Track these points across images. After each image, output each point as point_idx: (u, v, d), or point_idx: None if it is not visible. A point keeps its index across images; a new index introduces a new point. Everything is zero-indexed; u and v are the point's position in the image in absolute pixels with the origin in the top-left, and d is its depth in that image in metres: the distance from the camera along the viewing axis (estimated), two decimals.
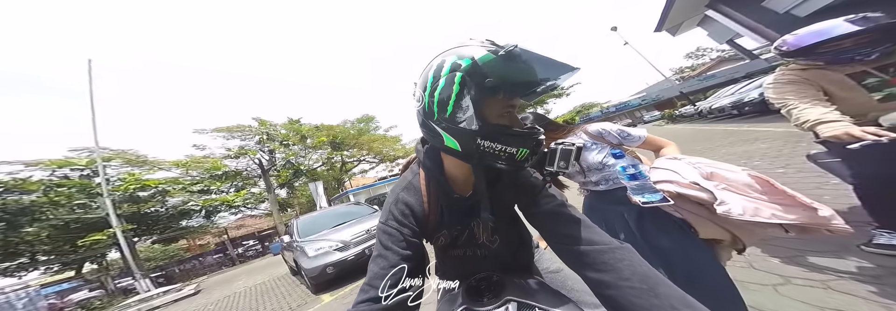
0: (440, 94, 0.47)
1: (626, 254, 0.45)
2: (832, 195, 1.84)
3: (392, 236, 0.53)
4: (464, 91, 0.45)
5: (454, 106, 0.46)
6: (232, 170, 14.82)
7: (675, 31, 8.98)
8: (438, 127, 0.49)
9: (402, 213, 0.56)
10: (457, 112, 0.46)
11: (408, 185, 0.60)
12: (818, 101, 1.11)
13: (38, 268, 12.07)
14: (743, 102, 7.48)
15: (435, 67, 0.48)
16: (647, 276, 0.41)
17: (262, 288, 5.64)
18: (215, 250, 18.12)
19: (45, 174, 10.72)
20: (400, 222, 0.55)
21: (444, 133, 0.49)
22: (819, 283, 1.16)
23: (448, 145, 0.50)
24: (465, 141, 0.48)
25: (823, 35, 1.08)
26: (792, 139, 3.67)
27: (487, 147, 0.47)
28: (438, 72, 0.47)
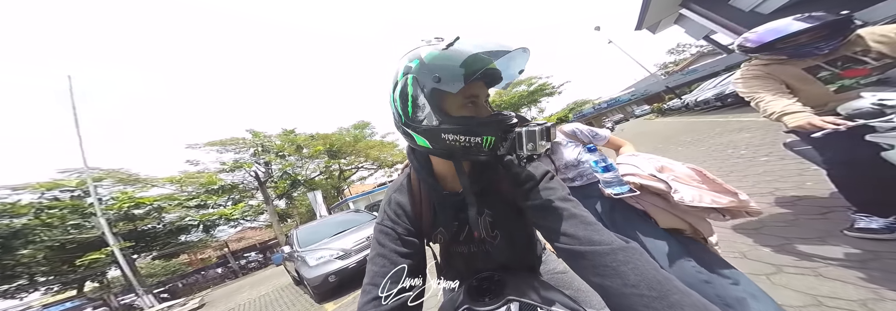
0: (400, 98, 0.49)
1: (631, 256, 0.39)
2: (814, 181, 1.89)
3: (388, 236, 0.55)
4: (417, 91, 0.47)
5: (412, 106, 0.48)
6: (228, 183, 14.62)
7: (655, 29, 9.18)
8: (408, 129, 0.51)
9: (395, 212, 0.58)
10: (416, 112, 0.48)
11: (399, 186, 0.62)
12: (781, 93, 1.19)
13: (39, 289, 11.80)
14: (725, 94, 7.67)
15: (394, 74, 0.50)
16: (656, 281, 0.36)
17: (266, 299, 5.58)
18: (217, 263, 17.86)
19: (35, 197, 10.51)
20: (394, 221, 0.56)
21: (413, 134, 0.51)
22: (810, 270, 1.19)
23: (421, 145, 0.52)
24: (432, 138, 0.49)
25: (780, 32, 1.16)
26: (773, 129, 3.75)
27: (453, 140, 0.47)
28: (396, 78, 0.49)
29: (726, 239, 1.61)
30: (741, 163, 2.75)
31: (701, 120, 7.31)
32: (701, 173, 0.93)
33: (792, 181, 2.01)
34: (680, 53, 38.86)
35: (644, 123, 13.61)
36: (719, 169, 2.78)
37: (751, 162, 2.68)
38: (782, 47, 1.19)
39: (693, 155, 3.72)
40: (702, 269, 0.79)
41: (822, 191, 1.74)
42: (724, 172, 2.66)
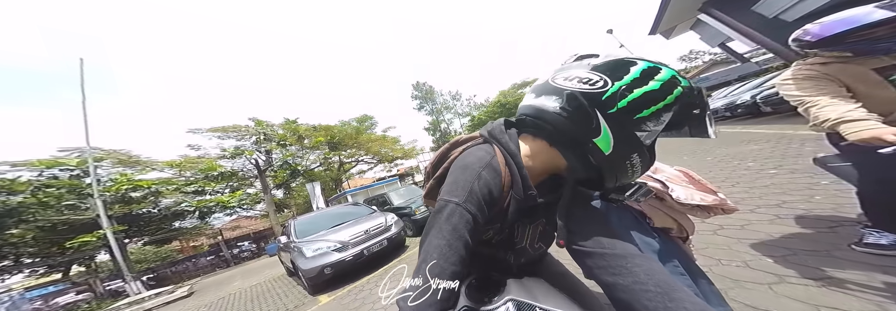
0: (646, 94, 0.43)
1: (646, 261, 0.44)
2: (823, 195, 1.89)
3: (468, 223, 0.44)
4: (674, 105, 0.44)
5: (654, 113, 0.44)
6: (227, 170, 14.61)
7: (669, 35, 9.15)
8: (605, 120, 0.44)
9: (483, 197, 0.46)
10: (649, 120, 0.44)
11: (488, 164, 0.50)
12: (841, 97, 1.00)
13: (23, 271, 11.75)
14: (735, 105, 7.64)
15: (645, 67, 0.45)
16: (663, 281, 0.40)
17: (258, 290, 5.57)
18: (209, 251, 17.82)
19: (33, 175, 10.47)
20: (479, 207, 0.46)
21: (606, 128, 0.45)
22: (813, 281, 1.19)
23: (597, 143, 0.45)
24: (622, 148, 0.45)
25: (855, 22, 0.95)
26: (783, 141, 3.75)
27: (631, 165, 0.46)
28: (652, 73, 0.45)
29: (729, 248, 1.61)
30: (748, 175, 2.74)
31: None
32: (687, 174, 0.98)
33: (800, 195, 2.00)
34: (692, 60, 38.78)
35: None
36: (725, 180, 2.78)
37: (758, 174, 2.67)
38: (853, 41, 0.98)
39: (699, 165, 3.71)
40: (679, 264, 0.88)
41: (832, 205, 1.74)
42: (730, 183, 2.66)
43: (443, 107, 30.05)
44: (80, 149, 11.09)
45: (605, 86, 0.45)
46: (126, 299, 8.55)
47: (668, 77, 0.45)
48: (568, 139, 0.50)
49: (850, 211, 1.61)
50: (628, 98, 0.44)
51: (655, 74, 0.45)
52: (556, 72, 0.52)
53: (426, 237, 0.45)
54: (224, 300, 5.62)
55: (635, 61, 0.47)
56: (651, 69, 0.45)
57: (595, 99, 0.45)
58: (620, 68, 0.46)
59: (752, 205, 2.04)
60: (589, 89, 0.46)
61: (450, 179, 0.50)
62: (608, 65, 0.47)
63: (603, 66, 0.48)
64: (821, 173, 2.23)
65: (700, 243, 1.76)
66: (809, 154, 2.84)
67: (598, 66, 0.48)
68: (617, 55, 0.50)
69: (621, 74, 0.45)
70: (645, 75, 0.45)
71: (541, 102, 0.51)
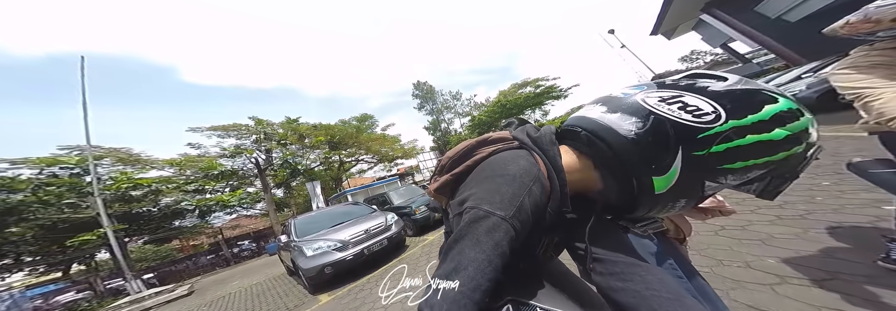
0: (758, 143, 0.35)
1: (657, 271, 0.43)
2: (824, 196, 1.89)
3: (512, 241, 0.38)
4: (778, 164, 0.36)
5: (746, 168, 0.36)
6: (227, 169, 14.63)
7: (671, 35, 9.14)
8: (683, 161, 0.37)
9: (531, 214, 0.41)
10: (734, 173, 0.36)
11: (537, 178, 0.44)
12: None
13: (23, 269, 11.77)
14: None
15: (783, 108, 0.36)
16: (675, 288, 0.39)
17: (258, 289, 5.58)
18: (209, 250, 17.85)
19: (33, 173, 10.48)
20: (524, 223, 0.40)
21: (675, 170, 0.37)
22: (814, 282, 1.19)
23: (655, 180, 0.39)
24: (677, 191, 0.39)
25: None
26: None
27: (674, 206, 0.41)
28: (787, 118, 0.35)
29: (731, 249, 1.61)
30: None
31: None
32: None
33: (801, 195, 2.00)
34: (693, 61, 38.79)
35: None
36: None
37: None
38: None
39: None
40: (677, 267, 0.88)
41: (833, 206, 1.73)
42: None
43: (443, 106, 30.04)
44: (79, 147, 11.10)
45: (714, 122, 0.36)
46: (126, 297, 8.57)
47: (802, 128, 0.35)
48: (621, 168, 0.42)
49: (851, 211, 1.61)
50: (732, 144, 0.35)
51: (790, 120, 0.35)
52: (650, 89, 0.42)
53: (457, 245, 0.38)
54: (224, 299, 5.63)
55: (775, 98, 0.36)
56: (789, 113, 0.35)
57: (688, 135, 0.36)
58: (749, 103, 0.36)
59: (753, 206, 2.04)
60: (690, 122, 0.36)
61: (488, 185, 0.43)
62: (734, 95, 0.37)
63: (726, 95, 0.37)
64: (823, 174, 2.25)
65: (701, 243, 1.76)
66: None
67: (718, 93, 0.38)
68: (753, 85, 0.38)
69: (747, 111, 0.36)
70: (776, 120, 0.35)
71: (613, 119, 0.42)
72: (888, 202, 1.59)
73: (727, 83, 0.39)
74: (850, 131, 3.32)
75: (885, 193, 1.55)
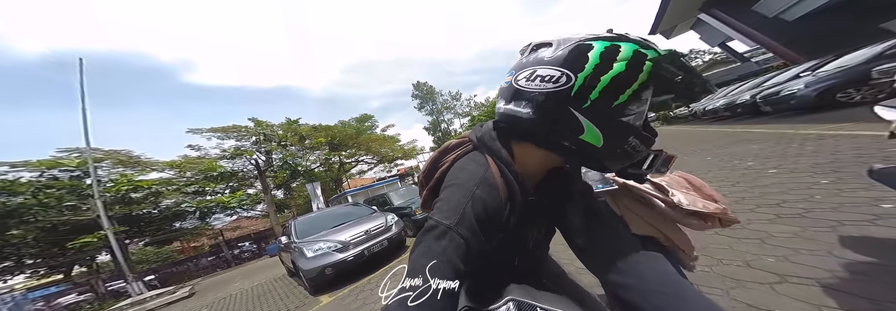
0: (614, 79, 0.40)
1: (654, 261, 0.43)
2: (823, 195, 1.89)
3: (458, 250, 0.39)
4: (649, 82, 0.41)
5: (631, 96, 0.41)
6: (227, 171, 14.63)
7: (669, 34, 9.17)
8: (582, 115, 0.42)
9: (477, 218, 0.42)
10: (631, 103, 0.41)
11: (482, 180, 0.46)
12: None
13: (24, 271, 11.78)
14: (735, 104, 7.62)
15: (601, 49, 0.41)
16: (672, 282, 0.39)
17: (260, 290, 5.58)
18: (210, 251, 17.84)
19: (34, 176, 10.49)
20: (473, 231, 0.41)
21: (587, 123, 0.42)
22: (814, 281, 1.19)
23: (584, 138, 0.43)
24: (615, 137, 0.43)
25: None
26: (783, 140, 3.75)
27: (632, 146, 0.43)
28: (612, 54, 0.41)
29: (730, 248, 1.61)
30: (749, 174, 2.74)
31: (708, 129, 7.30)
32: (688, 179, 0.92)
33: (800, 194, 2.00)
34: (692, 60, 38.84)
35: None
36: (726, 179, 2.78)
37: (758, 174, 2.67)
38: None
39: (698, 164, 3.72)
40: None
41: (832, 204, 1.74)
42: (730, 182, 2.66)
43: (443, 107, 30.06)
44: (79, 149, 11.11)
45: (568, 81, 0.42)
46: (128, 299, 8.56)
47: (631, 54, 0.40)
48: (550, 140, 0.47)
49: (850, 210, 1.62)
50: (597, 88, 0.41)
51: (616, 53, 0.41)
52: (517, 71, 0.48)
53: (413, 253, 0.40)
54: (225, 301, 5.63)
55: (591, 44, 0.42)
56: (610, 50, 0.41)
57: (564, 97, 0.42)
58: (578, 57, 0.42)
59: (753, 204, 2.04)
60: (554, 88, 0.43)
61: (443, 194, 0.46)
62: (565, 55, 0.43)
63: (559, 58, 0.43)
64: (821, 172, 2.25)
65: (700, 242, 1.76)
66: (810, 154, 2.84)
67: (554, 58, 0.44)
68: (571, 40, 0.44)
69: (581, 62, 0.42)
70: (605, 59, 0.41)
71: (512, 108, 0.48)
72: (886, 201, 1.60)
73: (553, 48, 0.45)
74: (848, 131, 3.33)
75: (883, 191, 1.55)
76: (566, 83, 0.42)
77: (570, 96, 0.42)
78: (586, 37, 0.44)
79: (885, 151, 2.36)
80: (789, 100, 5.50)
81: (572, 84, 0.41)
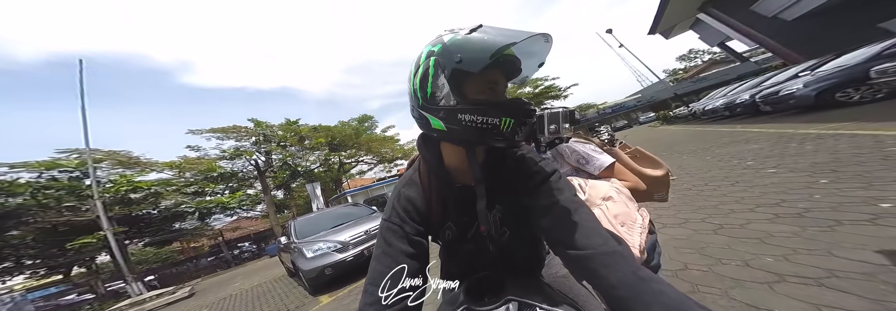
0: (420, 79, 0.49)
1: (612, 259, 0.41)
2: (822, 195, 1.89)
3: (395, 233, 0.53)
4: (438, 71, 0.47)
5: (433, 87, 0.48)
6: (227, 171, 14.63)
7: (668, 34, 9.17)
8: (424, 111, 0.51)
9: (404, 208, 0.56)
10: (436, 92, 0.48)
11: (408, 180, 0.61)
12: None
13: (24, 272, 11.78)
14: (735, 104, 7.63)
15: (415, 61, 0.52)
16: (633, 282, 0.38)
17: (259, 290, 5.57)
18: (210, 252, 17.84)
19: (33, 176, 10.48)
20: (402, 218, 0.55)
21: (428, 115, 0.51)
22: (813, 280, 1.19)
23: (435, 127, 0.51)
24: (448, 119, 0.49)
25: None
26: (782, 140, 3.75)
27: (470, 121, 0.47)
28: (418, 61, 0.50)
29: (729, 248, 1.61)
30: (748, 173, 2.75)
31: (707, 129, 7.31)
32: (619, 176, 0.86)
33: (799, 193, 2.00)
34: (691, 60, 38.91)
35: (648, 131, 13.61)
36: (725, 179, 2.78)
37: (757, 173, 2.68)
38: None
39: (697, 164, 3.72)
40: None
41: (831, 204, 1.74)
42: (729, 182, 2.66)
43: None
44: (78, 150, 11.10)
45: (409, 88, 0.53)
46: (127, 300, 8.56)
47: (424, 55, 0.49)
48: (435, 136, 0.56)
49: (849, 209, 1.62)
50: (417, 89, 0.50)
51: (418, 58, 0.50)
52: None
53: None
54: (225, 301, 5.62)
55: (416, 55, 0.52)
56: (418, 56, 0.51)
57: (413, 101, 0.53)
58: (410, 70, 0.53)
59: (752, 204, 2.05)
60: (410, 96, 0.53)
61: None
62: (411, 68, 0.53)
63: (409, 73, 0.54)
64: (820, 172, 2.25)
65: (700, 242, 1.76)
66: (809, 153, 2.84)
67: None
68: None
69: (409, 73, 0.53)
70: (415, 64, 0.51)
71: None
72: (885, 200, 1.60)
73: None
74: (848, 130, 3.33)
75: (882, 190, 1.56)
76: (410, 90, 0.52)
77: (413, 99, 0.52)
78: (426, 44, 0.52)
79: (885, 151, 2.37)
80: (788, 99, 5.51)
81: (410, 90, 0.52)
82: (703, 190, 2.65)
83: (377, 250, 0.53)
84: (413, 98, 0.52)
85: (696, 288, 1.36)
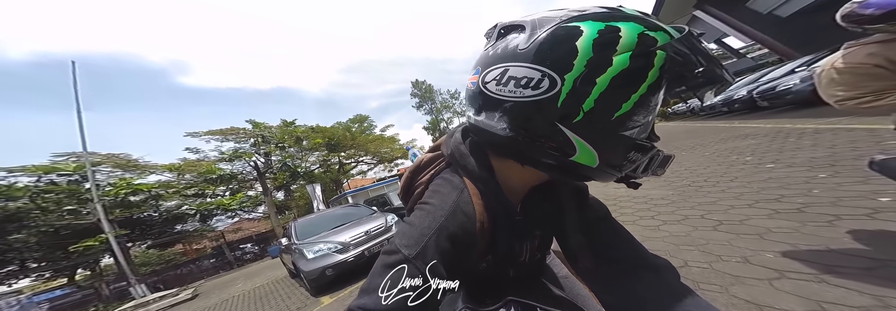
0: (613, 80, 0.29)
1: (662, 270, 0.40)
2: (821, 189, 1.89)
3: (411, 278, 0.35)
4: (663, 80, 0.30)
5: (637, 103, 0.30)
6: (227, 173, 14.62)
7: None
8: (573, 132, 0.32)
9: (443, 252, 0.36)
10: (636, 113, 0.31)
11: (455, 209, 0.40)
12: None
13: (29, 275, 11.81)
14: (732, 100, 7.64)
15: (594, 35, 0.30)
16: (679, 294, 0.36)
17: (261, 291, 5.59)
18: (212, 254, 17.85)
19: (31, 180, 10.46)
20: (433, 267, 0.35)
21: (579, 142, 0.33)
22: (813, 277, 1.19)
23: (577, 160, 0.34)
24: (614, 155, 0.34)
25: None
26: (780, 135, 3.75)
27: (632, 161, 0.35)
28: (610, 42, 0.29)
29: (729, 244, 1.61)
30: (746, 169, 2.75)
31: (706, 125, 7.30)
32: None
33: (798, 189, 2.00)
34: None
35: None
36: (724, 175, 2.78)
37: (756, 169, 2.68)
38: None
39: (696, 160, 3.72)
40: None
41: (830, 199, 1.74)
42: (728, 178, 2.66)
43: (442, 106, 30.01)
44: (76, 154, 11.07)
45: (553, 86, 0.31)
46: (131, 302, 8.58)
47: (634, 40, 0.29)
48: (534, 161, 0.38)
49: (848, 204, 1.62)
50: (593, 95, 0.30)
51: (615, 41, 0.29)
52: (484, 68, 0.37)
53: (370, 275, 0.36)
54: (228, 303, 5.64)
55: (578, 27, 0.31)
56: (605, 35, 0.30)
57: (549, 109, 0.32)
58: (562, 48, 0.31)
59: (751, 200, 2.05)
60: (533, 96, 0.32)
61: (412, 216, 0.41)
62: (544, 47, 0.32)
63: (536, 50, 0.32)
64: (819, 167, 2.25)
65: (700, 239, 1.76)
66: (807, 148, 2.84)
67: (529, 52, 0.32)
68: (550, 21, 0.33)
69: (567, 57, 0.30)
70: (601, 50, 0.29)
71: (483, 121, 0.39)
72: (884, 194, 1.60)
73: (528, 34, 0.34)
74: (845, 125, 3.33)
75: (880, 185, 1.55)
76: (549, 89, 0.31)
77: (557, 108, 0.31)
78: (570, 15, 0.33)
79: (881, 144, 2.37)
80: (785, 95, 5.51)
81: (559, 91, 0.31)
82: (702, 186, 2.65)
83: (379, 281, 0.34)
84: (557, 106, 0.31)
85: (696, 286, 1.36)
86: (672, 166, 0.40)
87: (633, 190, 0.49)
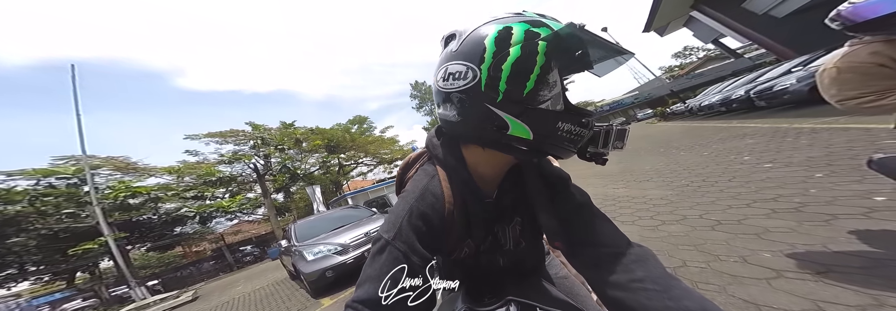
0: (514, 66, 0.37)
1: (642, 256, 0.41)
2: (818, 188, 1.90)
3: (396, 260, 0.39)
4: (551, 63, 0.37)
5: (537, 81, 0.38)
6: (226, 175, 14.60)
7: (663, 32, 9.19)
8: (500, 110, 0.39)
9: (416, 230, 0.42)
10: (540, 89, 0.38)
11: (424, 192, 0.46)
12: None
13: (28, 278, 11.76)
14: (730, 100, 7.67)
15: (494, 35, 0.38)
16: (660, 277, 0.37)
17: (262, 293, 5.58)
18: (212, 256, 17.81)
19: (30, 184, 10.44)
20: (410, 245, 0.40)
21: (507, 117, 0.40)
22: (810, 276, 1.19)
23: (514, 134, 0.40)
24: (542, 126, 0.40)
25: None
26: (778, 134, 3.77)
27: (566, 131, 0.41)
28: (505, 38, 0.38)
29: (727, 244, 1.62)
30: (744, 169, 2.76)
31: (704, 125, 7.33)
32: None
33: (796, 188, 2.01)
34: (686, 57, 39.04)
35: (646, 127, 13.63)
36: (722, 174, 2.79)
37: (754, 168, 2.69)
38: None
39: (694, 160, 3.73)
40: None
41: (827, 198, 1.75)
42: (726, 177, 2.67)
43: None
44: (75, 157, 11.05)
45: (475, 76, 0.39)
46: (131, 304, 8.55)
47: (522, 35, 0.37)
48: (489, 140, 0.44)
49: (845, 203, 1.63)
50: (502, 78, 0.38)
51: (509, 37, 0.38)
52: (436, 70, 0.45)
53: (364, 266, 0.41)
54: (228, 305, 5.62)
55: (487, 30, 0.39)
56: (503, 34, 0.38)
57: (476, 93, 0.40)
58: (476, 46, 0.39)
59: (749, 199, 2.06)
60: (465, 86, 0.40)
61: (393, 207, 0.47)
62: (465, 47, 0.41)
63: (463, 50, 0.41)
64: (816, 166, 2.27)
65: (697, 239, 1.77)
66: (804, 148, 2.86)
67: (459, 52, 0.41)
68: (469, 29, 0.42)
69: (479, 52, 0.39)
70: (500, 44, 0.38)
71: (442, 112, 0.46)
72: (879, 193, 1.61)
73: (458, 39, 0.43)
74: (841, 124, 3.35)
75: (876, 184, 1.56)
76: (473, 79, 0.40)
77: (482, 92, 0.39)
78: (485, 21, 0.41)
79: (877, 144, 2.38)
80: (783, 95, 5.54)
81: (480, 78, 0.39)
82: (700, 186, 2.66)
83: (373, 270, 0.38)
84: (482, 91, 0.39)
85: (695, 285, 1.37)
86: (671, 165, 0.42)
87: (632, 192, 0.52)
